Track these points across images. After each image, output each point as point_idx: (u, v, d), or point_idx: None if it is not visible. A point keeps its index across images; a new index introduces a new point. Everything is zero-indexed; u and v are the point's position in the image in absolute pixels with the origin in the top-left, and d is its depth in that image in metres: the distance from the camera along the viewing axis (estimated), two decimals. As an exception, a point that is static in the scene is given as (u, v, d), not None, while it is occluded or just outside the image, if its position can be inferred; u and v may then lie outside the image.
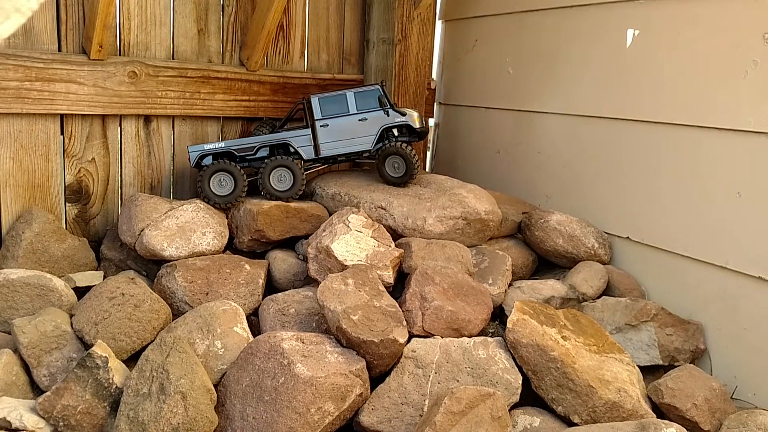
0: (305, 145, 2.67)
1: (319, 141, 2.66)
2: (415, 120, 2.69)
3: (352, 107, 2.67)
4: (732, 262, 2.27)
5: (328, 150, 2.67)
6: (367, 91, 2.67)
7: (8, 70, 2.42)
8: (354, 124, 2.67)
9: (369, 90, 2.67)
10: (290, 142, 2.66)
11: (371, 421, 1.89)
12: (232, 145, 2.64)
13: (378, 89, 2.66)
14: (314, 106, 2.66)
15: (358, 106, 2.67)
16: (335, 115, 2.66)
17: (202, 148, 2.62)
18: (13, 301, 2.16)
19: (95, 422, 1.83)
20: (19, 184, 2.56)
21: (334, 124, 2.66)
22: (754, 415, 1.92)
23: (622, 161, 2.63)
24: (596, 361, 2.04)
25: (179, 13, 2.82)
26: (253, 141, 2.65)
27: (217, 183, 2.57)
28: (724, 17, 2.26)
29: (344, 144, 2.67)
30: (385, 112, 2.66)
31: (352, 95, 2.66)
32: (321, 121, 2.66)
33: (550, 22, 2.90)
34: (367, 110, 2.67)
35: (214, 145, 2.63)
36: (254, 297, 2.32)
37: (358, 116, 2.66)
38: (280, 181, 2.62)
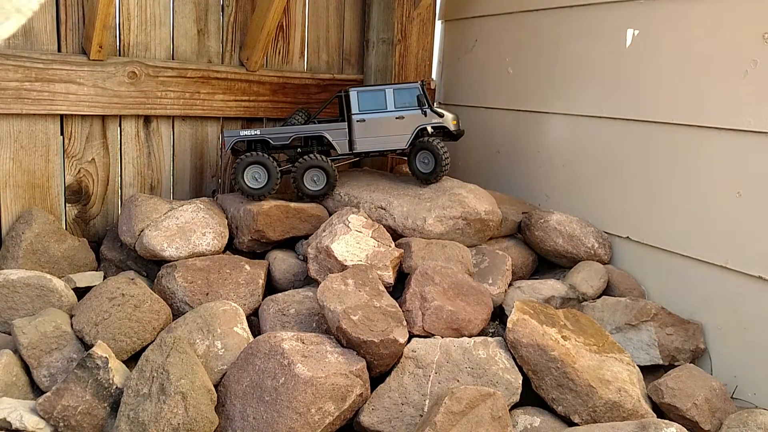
0: (340, 139, 2.65)
1: (355, 136, 2.64)
2: (452, 122, 2.67)
3: (390, 104, 2.64)
4: (732, 262, 2.27)
5: (363, 146, 2.65)
6: (406, 89, 2.64)
7: (8, 71, 2.42)
8: (391, 122, 2.64)
9: (408, 88, 2.64)
10: (326, 135, 2.64)
11: (371, 421, 1.89)
12: (268, 133, 2.62)
13: (417, 88, 2.63)
14: (352, 100, 2.63)
15: (396, 103, 2.64)
16: (372, 111, 2.64)
17: (237, 134, 2.61)
18: (13, 301, 2.16)
19: (95, 423, 1.83)
20: (19, 184, 2.56)
21: (370, 120, 2.64)
22: (755, 414, 1.92)
23: (621, 161, 2.63)
24: (596, 360, 2.04)
25: (179, 14, 2.82)
26: (289, 131, 2.63)
27: (251, 176, 2.57)
28: (723, 17, 2.26)
29: (379, 141, 2.65)
30: (423, 112, 2.63)
31: (391, 92, 2.63)
32: (358, 116, 2.63)
33: (549, 22, 2.90)
34: (405, 108, 2.64)
35: (249, 132, 2.62)
36: (254, 297, 2.32)
37: (396, 114, 2.64)
38: (314, 182, 2.62)
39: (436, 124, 2.65)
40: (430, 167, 2.63)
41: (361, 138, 2.64)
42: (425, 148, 2.62)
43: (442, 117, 2.65)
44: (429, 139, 2.61)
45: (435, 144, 2.59)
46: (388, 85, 2.65)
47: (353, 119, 2.63)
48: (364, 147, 2.65)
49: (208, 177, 3.03)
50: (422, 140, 2.62)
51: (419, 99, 2.63)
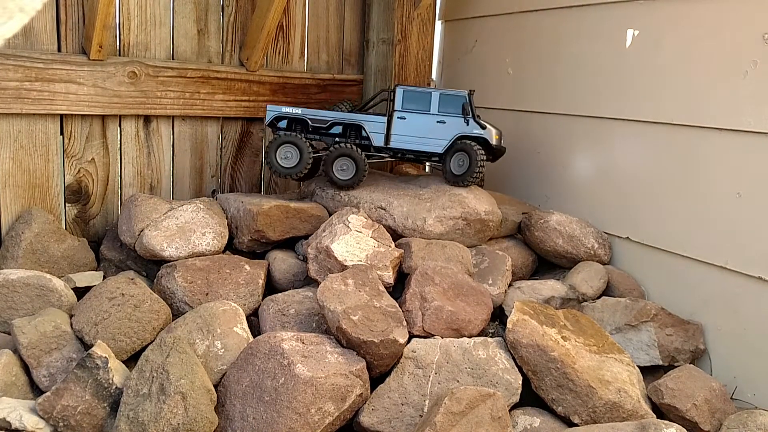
0: (377, 132, 2.64)
1: (392, 131, 2.63)
2: (494, 137, 2.62)
3: (433, 107, 2.62)
4: (732, 263, 2.27)
5: (398, 142, 2.64)
6: (452, 95, 2.62)
7: (8, 71, 2.42)
8: (431, 124, 2.63)
9: (455, 95, 2.61)
10: (363, 125, 2.64)
11: (371, 421, 1.89)
12: (308, 114, 2.64)
13: (465, 96, 2.60)
14: (397, 96, 2.64)
15: (440, 107, 2.62)
16: (415, 111, 2.63)
17: (279, 110, 2.64)
18: (13, 301, 2.16)
19: (95, 423, 1.82)
20: (19, 184, 2.56)
21: (411, 119, 2.63)
22: (754, 415, 1.92)
23: (621, 161, 2.63)
24: (596, 361, 2.04)
25: (179, 14, 2.82)
26: (329, 115, 2.65)
27: (283, 155, 2.60)
28: (723, 17, 2.26)
29: (416, 141, 2.64)
30: (466, 120, 2.60)
31: (437, 95, 2.62)
32: (399, 113, 2.63)
33: (549, 22, 2.90)
34: (448, 114, 2.61)
35: (291, 109, 2.64)
36: (254, 297, 2.31)
37: (437, 117, 2.62)
38: (343, 170, 2.61)
39: (476, 134, 2.60)
40: (463, 169, 2.60)
41: (399, 134, 2.63)
42: (463, 150, 2.59)
43: (484, 129, 2.60)
44: (469, 141, 2.58)
45: (473, 147, 2.56)
46: (436, 89, 2.64)
47: (394, 115, 2.63)
48: (400, 144, 2.64)
49: (208, 177, 3.03)
50: (461, 142, 2.59)
51: (464, 107, 2.60)
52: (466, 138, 2.60)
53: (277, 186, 3.24)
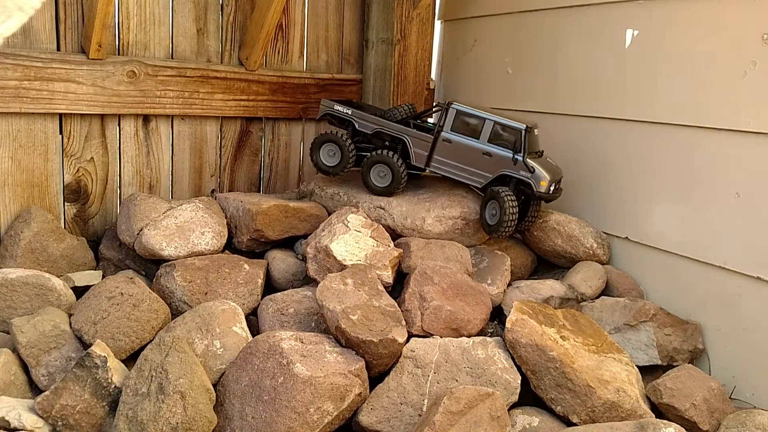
0: (420, 151, 2.52)
1: (434, 154, 2.50)
2: (541, 183, 2.38)
3: (484, 135, 2.43)
4: (731, 262, 2.28)
5: (438, 167, 2.51)
6: (508, 126, 2.41)
7: (7, 70, 2.42)
8: (476, 155, 2.45)
9: (512, 126, 2.40)
10: (407, 141, 2.54)
11: (370, 420, 1.89)
12: (357, 117, 2.60)
13: (522, 131, 2.39)
14: (448, 115, 2.48)
15: (492, 137, 2.43)
16: (463, 135, 2.46)
17: (331, 106, 2.63)
18: (12, 300, 2.16)
19: (94, 422, 1.82)
20: (18, 183, 2.56)
21: (457, 144, 2.47)
22: (753, 415, 1.92)
23: (620, 161, 2.63)
24: (595, 361, 2.04)
25: (178, 13, 2.82)
26: (375, 122, 2.58)
27: (327, 153, 2.59)
28: (723, 18, 2.26)
29: (456, 169, 2.49)
30: (514, 159, 2.40)
31: (491, 124, 2.42)
32: (446, 134, 2.48)
33: (549, 22, 2.90)
34: (498, 147, 2.42)
35: (341, 108, 2.62)
36: (253, 297, 2.32)
37: (486, 148, 2.43)
38: (380, 177, 2.55)
39: (521, 177, 2.39)
40: (495, 220, 2.43)
41: (440, 159, 2.50)
42: (495, 199, 2.42)
43: (532, 172, 2.38)
44: (500, 189, 2.39)
45: (504, 197, 2.37)
46: (493, 116, 2.44)
47: (440, 135, 2.49)
48: (438, 168, 2.51)
49: (207, 176, 3.03)
50: (494, 189, 2.41)
51: (516, 143, 2.40)
52: (508, 178, 2.42)
53: (276, 185, 3.24)
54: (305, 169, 3.31)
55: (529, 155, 2.41)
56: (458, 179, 2.51)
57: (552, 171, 2.46)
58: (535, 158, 2.44)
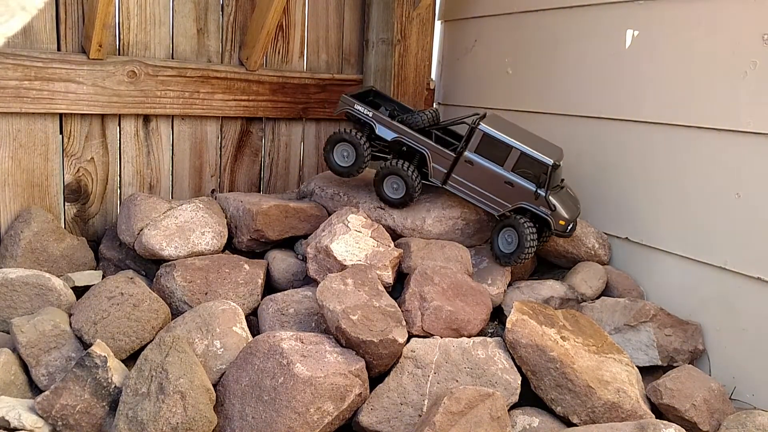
0: (438, 167, 2.39)
1: (453, 173, 2.39)
2: (560, 222, 2.33)
3: (509, 163, 2.31)
4: (731, 263, 2.28)
5: (455, 187, 2.40)
6: (536, 159, 2.29)
7: (7, 69, 2.42)
8: (498, 181, 2.34)
9: (539, 160, 2.29)
10: (428, 155, 2.40)
11: (370, 421, 1.89)
12: (377, 120, 2.44)
13: (549, 165, 2.28)
14: (474, 135, 2.34)
15: (516, 165, 2.31)
16: (487, 159, 2.34)
17: (352, 104, 2.48)
18: (12, 300, 2.16)
19: (94, 422, 1.82)
20: (18, 183, 2.56)
21: (479, 167, 2.34)
22: (753, 415, 1.92)
23: (621, 162, 2.63)
24: (595, 361, 2.04)
25: (179, 13, 2.82)
26: (395, 128, 2.43)
27: (341, 153, 2.47)
28: (723, 18, 2.27)
29: (474, 192, 2.38)
30: (536, 193, 2.30)
31: (518, 154, 2.29)
32: (469, 155, 2.35)
33: (549, 22, 2.90)
34: (521, 178, 2.32)
35: (362, 108, 2.46)
36: (253, 297, 2.31)
37: (508, 176, 2.32)
38: (394, 189, 2.45)
39: (539, 213, 2.32)
40: (511, 248, 2.36)
41: (458, 178, 2.38)
42: (512, 226, 2.34)
43: (553, 210, 2.31)
44: (519, 217, 2.33)
45: (524, 227, 2.31)
46: (522, 145, 2.31)
47: (463, 155, 2.36)
48: (455, 188, 2.41)
49: (207, 176, 3.03)
50: (510, 217, 2.35)
51: (541, 178, 2.30)
52: (525, 210, 2.34)
53: (276, 186, 3.24)
54: (305, 169, 3.31)
55: (551, 189, 2.33)
56: (473, 202, 2.42)
57: (571, 209, 2.39)
58: (556, 192, 2.36)
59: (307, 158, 3.30)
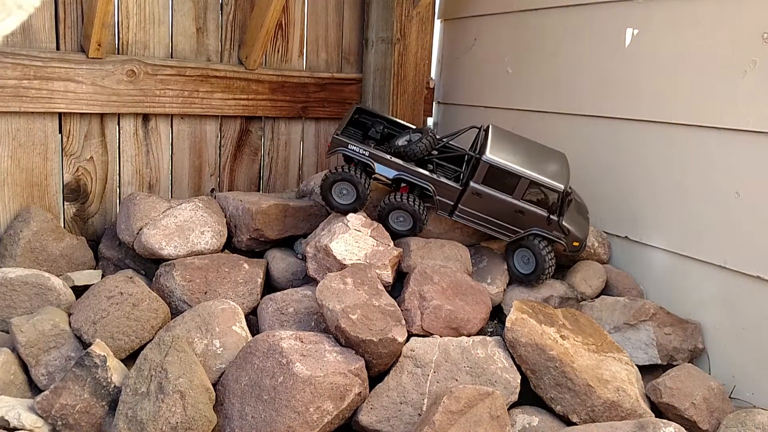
0: (445, 199, 2.32)
1: (460, 204, 2.32)
2: (573, 243, 2.34)
3: (519, 191, 2.25)
4: (730, 262, 2.28)
5: (463, 217, 2.34)
6: (546, 187, 2.24)
7: (6, 69, 2.42)
8: (508, 209, 2.28)
9: (550, 187, 2.25)
10: (432, 190, 2.32)
11: (370, 420, 1.89)
12: (376, 159, 2.32)
13: (560, 193, 2.25)
14: (480, 167, 2.25)
15: (526, 194, 2.25)
16: (496, 189, 2.27)
17: (345, 145, 2.33)
18: (11, 300, 2.16)
19: (93, 421, 1.82)
20: (17, 182, 2.55)
21: (487, 197, 2.27)
22: (753, 414, 1.92)
23: (620, 160, 2.63)
24: (595, 360, 2.04)
25: (178, 12, 2.82)
26: (396, 166, 2.31)
27: (339, 191, 2.36)
28: (723, 17, 2.26)
29: (483, 221, 2.33)
30: (548, 219, 2.26)
31: (527, 181, 2.23)
32: (476, 187, 2.27)
33: (549, 21, 2.90)
34: (532, 204, 2.27)
35: (358, 149, 2.32)
36: (253, 296, 2.31)
37: (519, 205, 2.27)
38: (400, 222, 2.38)
39: (553, 238, 2.31)
40: (530, 268, 2.34)
41: (466, 209, 2.31)
42: (528, 248, 2.32)
43: (565, 235, 2.30)
44: (533, 238, 2.30)
45: (540, 248, 2.29)
46: (530, 173, 2.24)
47: (470, 187, 2.28)
48: (463, 218, 2.35)
49: (207, 175, 3.03)
50: (524, 239, 2.32)
51: (552, 205, 2.26)
52: (538, 236, 2.32)
53: (275, 185, 3.24)
54: (305, 168, 3.31)
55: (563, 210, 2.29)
56: (483, 230, 2.37)
57: (582, 227, 2.37)
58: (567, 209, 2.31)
59: (307, 157, 3.30)
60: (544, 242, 2.30)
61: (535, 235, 2.32)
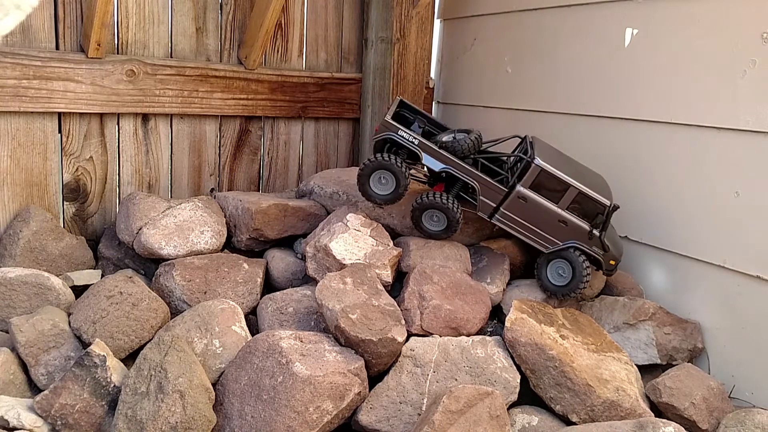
0: (488, 201, 2.25)
1: (502, 207, 2.25)
2: (610, 262, 2.29)
3: (565, 200, 2.20)
4: (730, 261, 2.28)
5: (503, 221, 2.27)
6: (593, 200, 2.19)
7: (6, 68, 2.41)
8: (551, 219, 2.23)
9: (597, 201, 2.19)
10: (477, 189, 2.25)
11: (370, 420, 1.89)
12: (424, 148, 2.25)
13: (607, 207, 2.20)
14: (530, 172, 2.19)
15: (571, 205, 2.20)
16: (541, 195, 2.22)
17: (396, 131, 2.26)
18: (11, 299, 2.15)
19: (93, 421, 1.82)
20: (17, 182, 2.55)
21: (532, 204, 2.22)
22: (752, 414, 1.92)
23: (620, 160, 2.63)
24: (594, 360, 2.04)
25: (177, 12, 2.82)
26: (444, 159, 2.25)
27: (377, 180, 2.30)
28: (722, 16, 2.26)
29: (523, 228, 2.26)
30: (591, 234, 2.21)
31: (576, 192, 2.18)
32: (522, 191, 2.21)
33: (548, 21, 2.90)
34: (577, 216, 2.22)
35: (407, 134, 2.26)
36: (252, 296, 2.31)
37: (563, 215, 2.22)
38: (434, 221, 2.33)
39: (592, 253, 2.25)
40: (564, 280, 2.27)
41: (508, 213, 2.25)
42: (566, 259, 2.25)
43: (605, 252, 2.24)
44: (571, 250, 2.24)
45: (580, 260, 2.22)
46: (580, 184, 2.19)
47: (516, 190, 2.22)
48: (503, 222, 2.27)
49: (207, 175, 3.03)
50: (563, 252, 2.25)
51: (597, 219, 2.20)
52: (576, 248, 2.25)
53: (275, 184, 3.24)
54: (304, 168, 3.31)
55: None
56: (520, 237, 2.30)
57: (619, 248, 2.35)
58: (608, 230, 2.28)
59: (306, 157, 3.30)
60: (583, 256, 2.25)
61: (574, 248, 2.25)
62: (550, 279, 2.30)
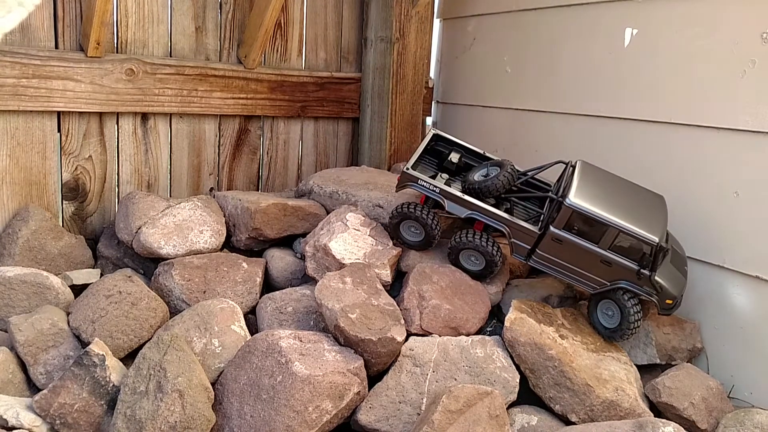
0: (522, 243, 2.12)
1: (538, 249, 2.11)
2: (668, 302, 2.08)
3: (606, 240, 2.01)
4: (729, 261, 2.28)
5: (541, 263, 2.13)
6: (638, 237, 1.98)
7: (5, 67, 2.41)
8: (592, 259, 2.04)
9: (643, 237, 1.98)
10: (507, 234, 2.13)
11: (369, 419, 1.89)
12: (446, 195, 2.16)
13: (653, 245, 1.97)
14: (563, 211, 2.02)
15: (613, 244, 2.01)
16: (580, 237, 2.04)
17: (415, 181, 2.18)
18: (10, 298, 2.15)
19: (92, 420, 1.82)
20: (16, 181, 2.55)
21: (569, 246, 2.05)
22: (751, 413, 1.92)
23: (619, 159, 2.63)
24: (594, 359, 2.04)
25: (177, 11, 2.81)
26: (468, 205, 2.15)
27: (408, 229, 2.28)
28: (722, 17, 2.26)
29: (564, 269, 2.11)
30: (639, 273, 2.02)
31: (616, 231, 1.98)
32: (556, 233, 2.05)
33: (548, 20, 2.90)
34: (621, 255, 2.02)
35: (428, 183, 2.17)
36: (252, 295, 2.31)
37: (605, 255, 2.03)
38: (472, 261, 2.25)
39: (644, 294, 2.06)
40: (614, 322, 2.12)
41: (545, 254, 2.10)
42: (610, 299, 2.10)
43: (659, 291, 2.04)
44: (620, 291, 2.07)
45: (628, 303, 2.06)
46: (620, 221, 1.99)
47: (549, 233, 2.06)
48: (541, 264, 2.13)
49: (206, 174, 3.03)
50: (610, 292, 2.10)
51: (644, 258, 2.00)
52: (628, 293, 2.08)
53: (274, 184, 3.23)
54: (304, 167, 3.31)
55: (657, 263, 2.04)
56: (564, 279, 2.16)
57: (678, 281, 2.12)
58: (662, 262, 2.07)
59: (306, 156, 3.30)
60: (633, 299, 2.08)
61: (623, 290, 2.08)
62: (600, 320, 2.16)
